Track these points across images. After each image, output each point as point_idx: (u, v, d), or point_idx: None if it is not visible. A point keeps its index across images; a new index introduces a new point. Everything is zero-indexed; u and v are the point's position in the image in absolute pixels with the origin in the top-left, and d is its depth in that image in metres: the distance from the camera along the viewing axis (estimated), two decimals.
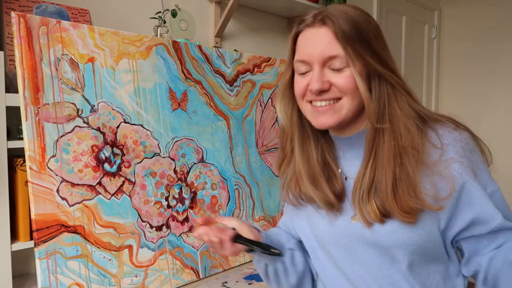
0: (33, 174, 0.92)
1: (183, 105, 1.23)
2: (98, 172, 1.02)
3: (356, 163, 0.75)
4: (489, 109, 2.68)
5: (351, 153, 0.76)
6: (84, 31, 1.03)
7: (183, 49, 1.25)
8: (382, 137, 0.69)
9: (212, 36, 1.64)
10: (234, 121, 1.37)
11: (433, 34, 2.93)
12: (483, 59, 2.72)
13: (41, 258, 0.91)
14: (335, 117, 0.70)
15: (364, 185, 0.69)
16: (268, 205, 1.42)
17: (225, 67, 1.36)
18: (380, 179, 0.68)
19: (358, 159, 0.74)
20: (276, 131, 1.51)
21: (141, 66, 1.14)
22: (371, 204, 0.68)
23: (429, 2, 2.86)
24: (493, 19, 2.67)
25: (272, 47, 1.90)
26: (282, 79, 0.78)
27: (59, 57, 0.99)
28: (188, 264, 1.16)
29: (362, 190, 0.70)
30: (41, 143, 0.94)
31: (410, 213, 0.66)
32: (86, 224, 0.99)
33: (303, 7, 1.77)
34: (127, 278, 1.03)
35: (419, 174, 0.67)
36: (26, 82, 0.93)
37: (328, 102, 0.70)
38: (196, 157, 1.24)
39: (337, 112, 0.70)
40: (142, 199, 1.10)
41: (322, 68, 0.69)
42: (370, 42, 0.68)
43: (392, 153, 0.67)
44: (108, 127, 1.05)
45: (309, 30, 0.70)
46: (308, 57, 0.70)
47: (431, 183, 0.67)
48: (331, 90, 0.69)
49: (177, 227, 1.16)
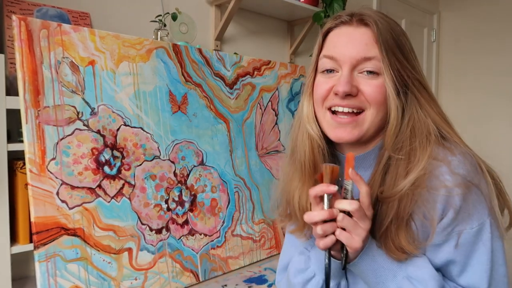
0: (33, 176, 0.92)
1: (183, 108, 1.23)
2: (98, 174, 1.02)
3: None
4: (489, 113, 2.68)
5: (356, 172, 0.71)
6: (84, 34, 1.04)
7: (183, 52, 1.25)
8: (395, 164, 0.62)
9: (212, 39, 1.64)
10: (234, 124, 1.37)
11: (433, 38, 2.93)
12: (482, 62, 2.73)
13: (40, 261, 0.91)
14: (356, 132, 0.63)
15: None
16: (268, 208, 1.42)
17: (225, 70, 1.36)
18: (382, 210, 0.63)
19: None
20: (276, 134, 1.52)
21: (141, 69, 1.14)
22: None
23: (428, 5, 2.87)
24: (492, 22, 2.68)
25: (272, 50, 1.91)
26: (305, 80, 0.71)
27: (59, 60, 0.99)
28: (187, 267, 1.16)
29: None
30: (41, 146, 0.94)
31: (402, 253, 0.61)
32: (86, 227, 0.99)
33: (303, 11, 1.78)
34: (127, 281, 1.03)
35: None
36: (27, 85, 0.93)
37: (351, 109, 0.63)
38: (196, 160, 1.24)
39: (359, 125, 0.63)
40: (142, 202, 1.10)
41: (351, 71, 0.62)
42: (407, 55, 0.63)
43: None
44: (108, 129, 1.06)
45: (345, 28, 0.64)
46: (339, 55, 0.63)
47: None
48: (357, 97, 0.62)
49: (177, 230, 1.16)
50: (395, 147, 0.62)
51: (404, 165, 0.61)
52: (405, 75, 0.62)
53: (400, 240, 0.61)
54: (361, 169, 0.69)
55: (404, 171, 0.61)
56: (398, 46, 0.63)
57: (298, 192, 0.70)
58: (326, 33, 0.67)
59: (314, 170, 0.68)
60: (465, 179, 0.59)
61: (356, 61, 0.62)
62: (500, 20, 2.64)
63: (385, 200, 0.62)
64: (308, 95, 0.69)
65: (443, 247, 0.62)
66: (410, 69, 0.63)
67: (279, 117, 1.54)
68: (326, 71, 0.66)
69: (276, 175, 1.48)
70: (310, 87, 0.68)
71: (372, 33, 0.62)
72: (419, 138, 0.62)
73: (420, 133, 0.62)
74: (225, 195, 1.30)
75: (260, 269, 1.28)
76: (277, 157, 1.50)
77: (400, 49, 0.63)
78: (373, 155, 0.68)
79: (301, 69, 1.68)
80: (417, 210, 0.61)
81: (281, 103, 1.55)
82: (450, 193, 0.59)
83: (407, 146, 0.62)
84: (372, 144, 0.68)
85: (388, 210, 0.62)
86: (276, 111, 1.53)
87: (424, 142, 0.62)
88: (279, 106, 1.54)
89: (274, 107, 1.52)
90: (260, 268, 1.29)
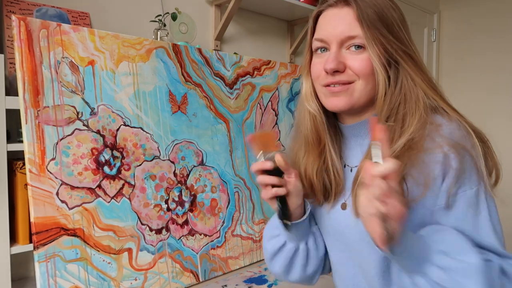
0: (32, 177, 0.92)
1: (183, 108, 1.23)
2: (97, 175, 1.02)
3: (357, 152, 0.74)
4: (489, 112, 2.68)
5: (354, 141, 0.75)
6: (84, 34, 1.04)
7: (183, 52, 1.25)
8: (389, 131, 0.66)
9: (212, 39, 1.64)
10: (234, 124, 1.37)
11: (433, 37, 2.93)
12: (482, 62, 2.73)
13: (40, 261, 0.91)
14: (347, 99, 0.69)
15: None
16: (268, 208, 1.42)
17: (225, 70, 1.36)
18: None
19: (360, 148, 0.74)
20: (276, 134, 1.51)
21: (141, 69, 1.14)
22: None
23: (428, 5, 2.86)
24: (492, 22, 2.68)
25: (272, 50, 1.90)
26: (302, 62, 0.78)
27: (59, 60, 0.99)
28: (187, 267, 1.16)
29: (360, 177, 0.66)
30: (41, 146, 0.94)
31: None
32: (86, 227, 0.99)
33: (302, 10, 1.78)
34: (127, 281, 1.03)
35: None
36: (26, 85, 0.93)
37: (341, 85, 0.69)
38: (196, 160, 1.24)
39: (349, 94, 0.69)
40: (141, 202, 1.09)
41: (339, 48, 0.68)
42: (391, 28, 0.67)
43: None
44: (108, 130, 1.05)
45: (331, 10, 0.70)
46: (327, 36, 0.69)
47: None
48: (345, 72, 0.68)
49: (177, 230, 1.16)
50: (387, 115, 0.67)
51: (398, 131, 0.66)
52: (389, 48, 0.67)
53: None
54: (357, 137, 0.75)
55: (397, 135, 0.65)
56: (381, 20, 0.67)
57: (304, 162, 0.77)
58: (317, 16, 0.73)
59: (318, 142, 0.76)
60: (458, 143, 0.63)
61: (341, 40, 0.68)
62: (500, 20, 2.64)
63: None
64: (305, 74, 0.76)
65: (453, 209, 0.63)
66: (395, 41, 0.67)
67: (279, 117, 1.53)
68: (319, 50, 0.72)
69: None
70: (308, 67, 0.75)
71: (353, 11, 0.67)
72: (409, 105, 0.67)
73: (409, 100, 0.67)
74: (225, 195, 1.30)
75: (260, 269, 1.28)
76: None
77: (384, 23, 0.67)
78: (367, 124, 0.72)
79: (301, 69, 1.68)
80: (411, 171, 0.63)
81: (281, 103, 1.55)
82: (446, 154, 0.62)
83: (399, 114, 0.67)
84: (366, 114, 0.73)
85: None
86: (276, 111, 1.53)
87: (413, 108, 0.67)
88: (279, 106, 1.54)
89: (274, 107, 1.52)
90: (260, 268, 1.28)
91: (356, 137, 0.75)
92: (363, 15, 0.66)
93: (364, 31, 0.66)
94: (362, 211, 0.54)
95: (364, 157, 0.68)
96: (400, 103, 0.68)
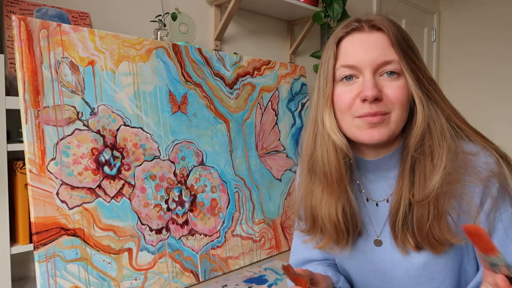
0: (33, 177, 0.92)
1: (183, 108, 1.23)
2: (98, 175, 1.02)
3: (381, 184, 0.70)
4: (490, 114, 2.68)
5: (377, 174, 0.71)
6: (84, 34, 1.04)
7: (183, 52, 1.25)
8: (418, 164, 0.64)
9: (212, 39, 1.64)
10: (234, 124, 1.37)
11: (433, 37, 2.93)
12: (482, 62, 2.73)
13: (40, 261, 0.91)
14: (386, 131, 0.63)
15: (401, 209, 0.65)
16: (268, 208, 1.42)
17: (225, 70, 1.36)
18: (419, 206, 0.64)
19: (385, 182, 0.70)
20: (276, 134, 1.51)
21: (141, 69, 1.14)
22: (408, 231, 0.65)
23: (428, 5, 2.87)
24: (492, 22, 2.68)
25: (272, 50, 1.91)
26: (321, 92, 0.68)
27: (59, 60, 0.99)
28: (187, 267, 1.16)
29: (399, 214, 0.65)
30: (41, 146, 0.94)
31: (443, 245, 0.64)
32: (86, 227, 0.99)
33: (303, 10, 1.78)
34: (127, 281, 1.03)
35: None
36: (26, 85, 0.93)
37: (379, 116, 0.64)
38: (196, 160, 1.24)
39: (388, 125, 0.63)
40: (141, 202, 1.10)
41: (373, 75, 0.63)
42: (417, 54, 0.66)
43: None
44: (108, 130, 1.06)
45: (358, 34, 0.65)
46: (358, 61, 0.63)
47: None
48: (383, 102, 0.63)
49: (177, 230, 1.16)
50: (416, 147, 0.64)
51: (429, 164, 0.63)
52: (420, 75, 0.64)
53: (444, 235, 0.63)
54: (382, 171, 0.70)
55: (430, 170, 0.63)
56: (410, 47, 0.65)
57: (326, 205, 0.69)
58: (338, 42, 0.67)
59: (341, 179, 0.67)
60: (494, 172, 0.63)
61: (377, 65, 0.63)
62: (500, 20, 2.64)
63: (419, 203, 0.63)
64: (328, 107, 0.67)
65: (494, 234, 0.64)
66: (423, 68, 0.65)
67: (279, 117, 1.53)
68: (345, 78, 0.65)
69: (276, 175, 1.48)
70: (330, 99, 0.67)
71: (386, 37, 0.64)
72: (434, 135, 0.64)
73: (435, 130, 0.64)
74: (225, 195, 1.30)
75: (260, 269, 1.28)
76: (277, 157, 1.50)
77: (412, 50, 0.65)
78: (396, 156, 0.68)
79: (301, 69, 1.68)
80: (454, 204, 0.63)
81: (281, 103, 1.55)
82: (486, 184, 0.62)
83: (425, 145, 0.64)
84: (394, 145, 0.69)
85: (425, 212, 0.63)
86: (276, 111, 1.53)
87: (440, 139, 0.64)
88: (279, 106, 1.54)
89: (274, 107, 1.52)
90: (260, 268, 1.29)
91: (380, 170, 0.70)
92: (397, 39, 0.63)
93: (400, 57, 0.62)
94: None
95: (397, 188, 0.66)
96: (425, 134, 0.64)
